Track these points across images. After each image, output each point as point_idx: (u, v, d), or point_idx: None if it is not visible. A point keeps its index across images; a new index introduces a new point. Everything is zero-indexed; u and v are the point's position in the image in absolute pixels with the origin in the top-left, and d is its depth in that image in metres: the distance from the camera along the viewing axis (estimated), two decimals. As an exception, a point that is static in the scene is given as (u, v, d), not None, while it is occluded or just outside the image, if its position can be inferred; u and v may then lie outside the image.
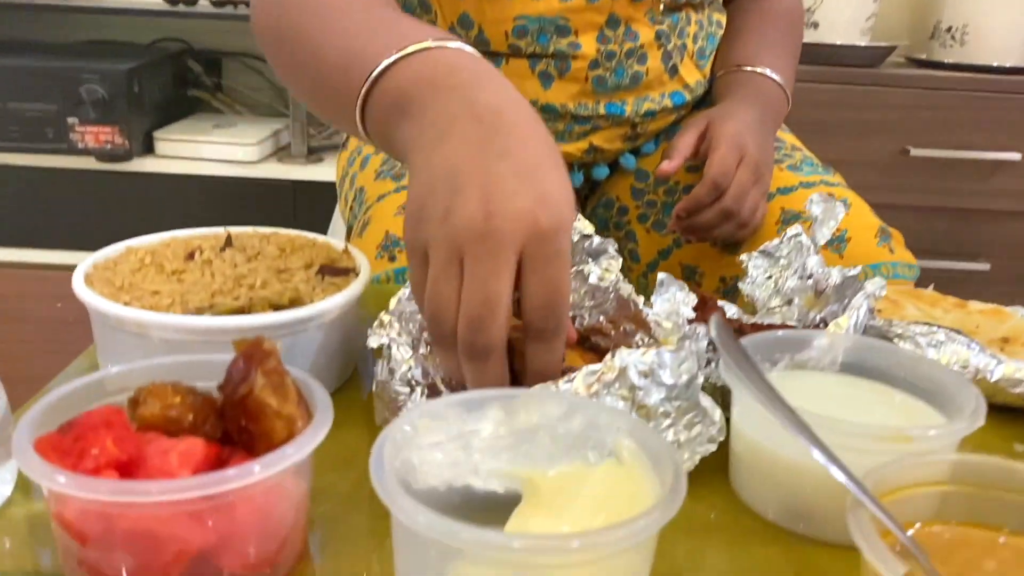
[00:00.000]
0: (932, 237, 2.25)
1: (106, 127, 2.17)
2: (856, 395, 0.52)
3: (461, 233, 0.46)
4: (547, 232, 0.46)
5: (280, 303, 0.53)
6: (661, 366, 0.48)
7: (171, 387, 0.43)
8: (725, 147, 0.82)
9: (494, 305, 0.46)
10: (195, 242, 0.64)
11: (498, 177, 0.47)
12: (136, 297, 0.55)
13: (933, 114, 2.13)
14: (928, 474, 0.41)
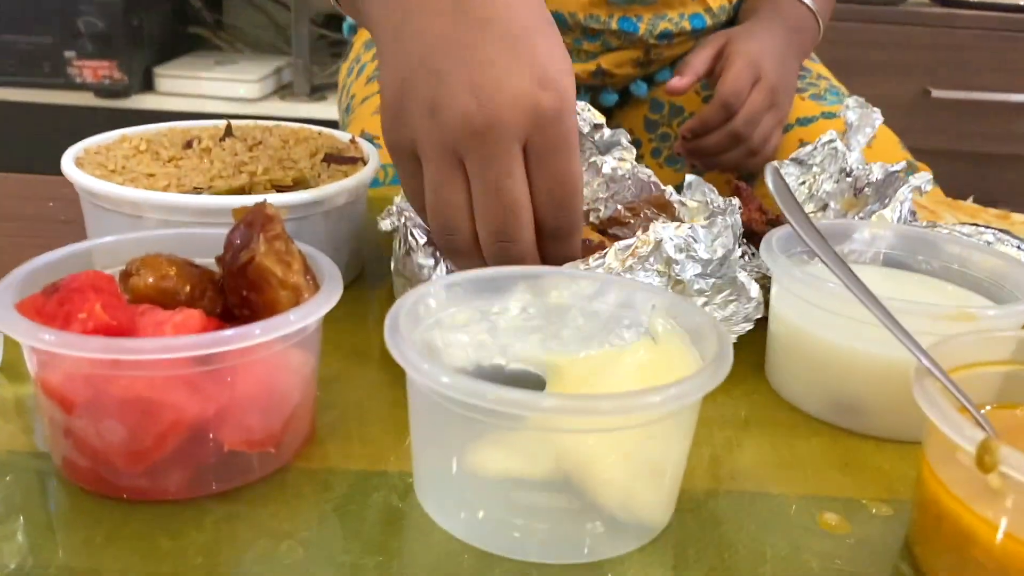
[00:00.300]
0: (951, 182, 2.20)
1: (104, 61, 2.12)
2: (907, 289, 0.49)
3: (455, 130, 0.41)
4: (550, 116, 0.41)
5: (283, 183, 0.49)
6: (696, 240, 0.45)
7: (166, 258, 0.40)
8: (740, 66, 0.77)
9: (517, 210, 0.42)
10: (193, 132, 0.60)
11: (483, 53, 0.41)
12: (130, 179, 0.51)
13: (956, 54, 2.07)
14: (992, 352, 0.37)
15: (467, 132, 0.41)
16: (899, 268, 0.51)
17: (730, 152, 0.79)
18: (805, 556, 0.34)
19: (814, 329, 0.44)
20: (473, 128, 0.41)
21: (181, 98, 2.19)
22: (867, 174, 0.61)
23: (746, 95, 0.77)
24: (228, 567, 0.33)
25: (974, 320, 0.39)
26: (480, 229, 0.43)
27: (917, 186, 0.56)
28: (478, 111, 0.40)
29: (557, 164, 0.42)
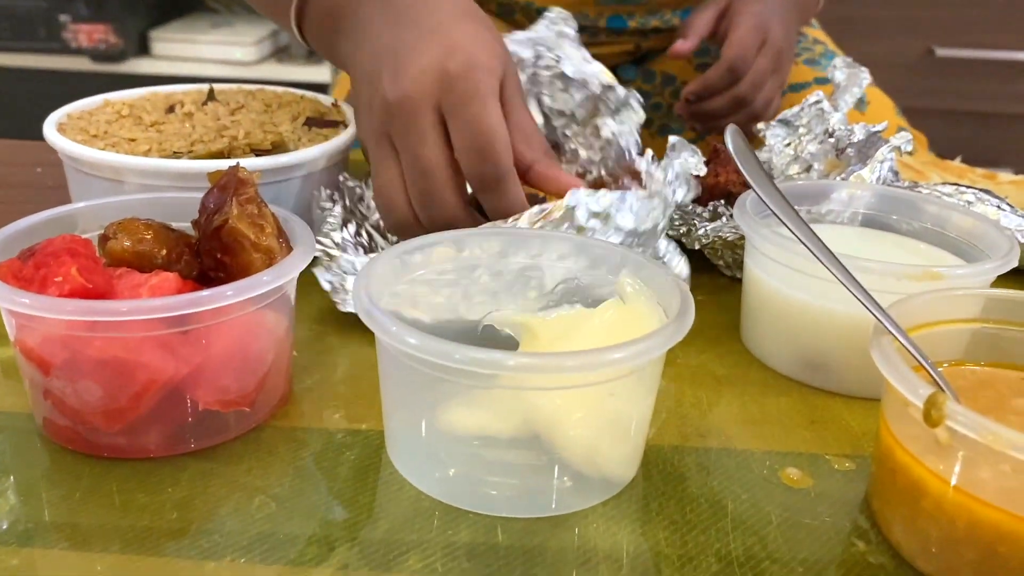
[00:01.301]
0: (954, 143, 2.18)
1: (99, 24, 2.10)
2: (880, 249, 0.49)
3: (379, 115, 0.45)
4: (455, 75, 0.44)
5: (262, 147, 0.50)
6: (619, 209, 0.44)
7: (143, 222, 0.40)
8: (746, 28, 0.75)
9: (432, 173, 0.45)
10: (176, 96, 0.60)
11: (405, 45, 0.45)
12: (111, 144, 0.51)
13: (961, 11, 2.04)
14: (956, 310, 0.38)
15: (386, 112, 0.45)
16: (876, 228, 0.51)
17: (732, 116, 0.78)
18: (766, 509, 0.35)
19: (783, 288, 0.44)
20: (388, 106, 0.45)
21: (177, 62, 2.18)
22: (849, 135, 0.61)
23: (752, 59, 0.75)
24: (202, 521, 0.34)
25: (941, 279, 0.40)
26: (412, 199, 0.46)
27: (897, 146, 0.56)
28: (391, 90, 0.45)
29: (467, 115, 0.44)
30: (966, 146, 2.12)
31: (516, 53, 0.57)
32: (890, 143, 0.56)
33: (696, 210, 0.56)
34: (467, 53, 0.44)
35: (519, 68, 0.56)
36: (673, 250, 0.50)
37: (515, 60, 0.55)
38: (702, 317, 0.51)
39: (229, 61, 2.27)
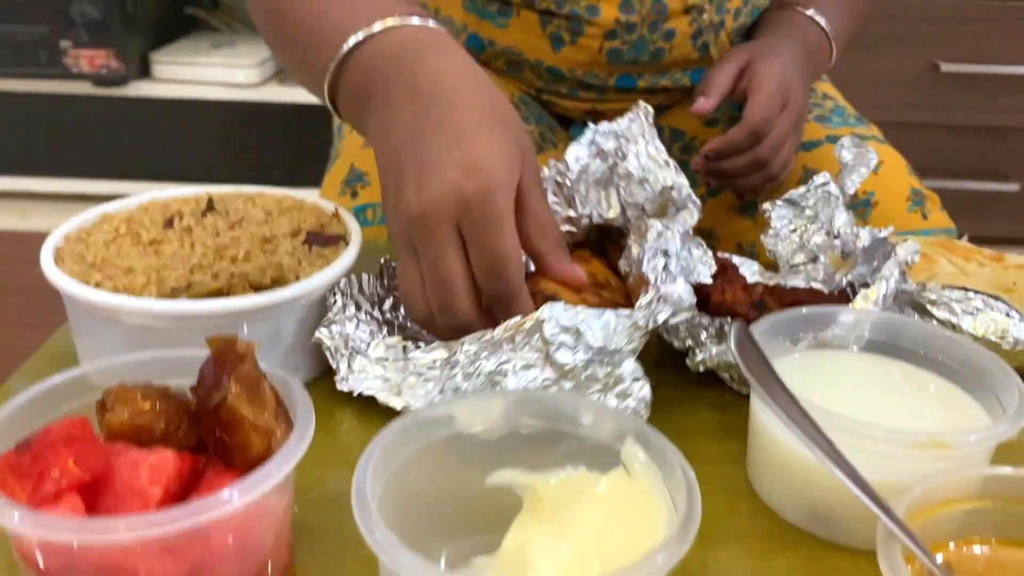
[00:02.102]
0: (960, 157, 2.17)
1: (100, 50, 2.10)
2: (887, 379, 0.48)
3: (405, 220, 0.48)
4: (473, 198, 0.46)
5: (262, 283, 0.49)
6: (591, 327, 0.46)
7: (140, 391, 0.40)
8: (769, 90, 0.74)
9: (449, 286, 0.48)
10: (174, 206, 0.60)
11: (430, 154, 0.48)
12: (109, 276, 0.51)
13: (965, 26, 2.02)
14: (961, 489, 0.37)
15: (410, 220, 0.48)
16: (883, 354, 0.50)
17: (750, 176, 0.78)
18: None
19: (789, 442, 0.44)
20: (412, 218, 0.48)
21: (179, 84, 2.17)
22: (854, 240, 0.60)
23: (775, 122, 0.75)
24: None
25: (948, 448, 0.39)
26: (431, 305, 0.49)
27: (903, 260, 0.55)
28: (415, 203, 0.48)
29: (484, 239, 0.47)
30: (968, 160, 2.12)
31: (599, 144, 0.60)
32: (897, 257, 0.55)
33: (701, 322, 0.56)
34: (486, 173, 0.47)
35: (602, 159, 0.59)
36: (640, 375, 0.49)
37: (596, 151, 0.60)
38: (708, 443, 0.51)
39: (231, 83, 2.26)
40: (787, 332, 0.50)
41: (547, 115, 0.91)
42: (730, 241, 0.86)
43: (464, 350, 0.48)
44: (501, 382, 0.47)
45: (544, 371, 0.46)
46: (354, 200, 0.76)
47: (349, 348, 0.52)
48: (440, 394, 0.48)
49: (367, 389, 0.50)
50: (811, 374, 0.48)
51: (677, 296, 0.50)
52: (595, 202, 0.60)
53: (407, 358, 0.51)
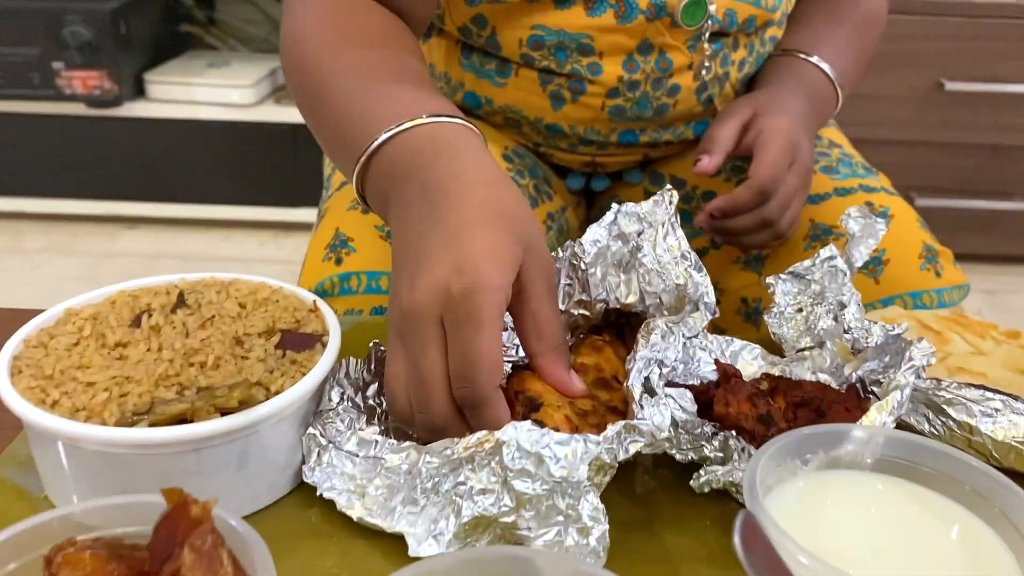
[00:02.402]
0: (964, 175, 2.15)
1: (93, 71, 2.07)
2: (905, 513, 0.45)
3: (396, 314, 0.49)
4: (456, 297, 0.46)
5: (228, 406, 0.46)
6: (552, 455, 0.43)
7: (88, 554, 0.37)
8: (777, 148, 0.71)
9: (427, 383, 0.47)
10: (144, 299, 0.56)
11: (426, 250, 0.48)
12: (68, 392, 0.48)
13: (969, 44, 2.00)
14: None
15: (400, 316, 0.48)
16: (898, 475, 0.47)
17: (756, 234, 0.74)
18: None
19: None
20: (403, 312, 0.48)
21: (174, 105, 2.15)
22: (865, 337, 0.57)
23: (783, 180, 0.72)
24: None
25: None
26: (412, 400, 0.49)
27: (918, 366, 0.52)
28: (406, 297, 0.48)
29: (459, 339, 0.46)
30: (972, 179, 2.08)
31: (620, 226, 0.57)
32: (913, 362, 0.52)
33: (704, 431, 0.52)
34: (473, 272, 0.46)
35: (623, 242, 0.57)
36: (600, 516, 0.45)
37: (617, 233, 0.57)
38: (709, 571, 0.47)
39: (227, 103, 2.24)
40: (796, 452, 0.46)
41: (542, 166, 0.88)
42: (734, 296, 0.82)
43: (426, 462, 0.46)
44: (459, 503, 0.44)
45: (503, 498, 0.43)
46: (339, 267, 0.73)
47: (326, 439, 0.50)
48: (401, 506, 0.46)
49: (329, 490, 0.48)
50: (821, 505, 0.45)
51: (651, 427, 0.47)
52: (614, 286, 0.58)
53: (378, 456, 0.48)
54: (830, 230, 0.76)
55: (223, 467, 0.47)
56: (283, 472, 0.50)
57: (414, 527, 0.45)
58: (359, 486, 0.48)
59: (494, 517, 0.43)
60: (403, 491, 0.46)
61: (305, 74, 0.65)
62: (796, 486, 0.46)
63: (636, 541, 0.49)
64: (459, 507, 0.44)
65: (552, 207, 0.86)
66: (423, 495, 0.46)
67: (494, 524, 0.44)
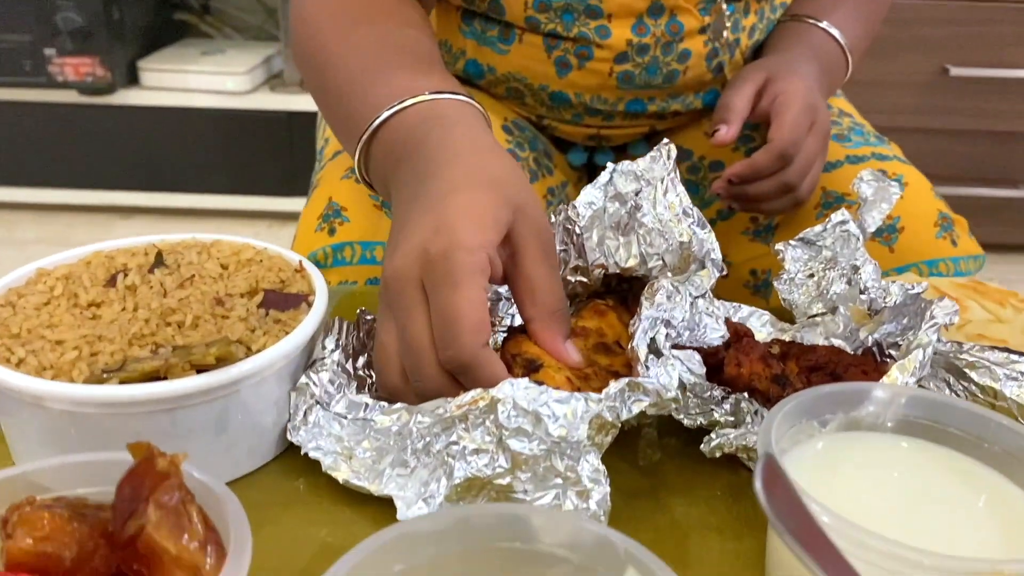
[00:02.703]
0: (969, 163, 2.12)
1: (86, 58, 2.04)
2: (930, 476, 0.42)
3: (382, 284, 0.48)
4: (435, 257, 0.45)
5: (204, 362, 0.43)
6: (550, 413, 0.40)
7: (47, 512, 0.34)
8: (796, 111, 0.69)
9: (415, 351, 0.45)
10: (120, 259, 0.53)
11: (410, 219, 0.48)
12: (35, 350, 0.45)
13: (974, 30, 1.97)
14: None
15: (384, 285, 0.47)
16: (922, 437, 0.44)
17: (776, 200, 0.72)
18: None
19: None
20: (386, 280, 0.47)
21: (168, 92, 2.12)
22: (882, 296, 0.53)
23: (803, 143, 0.69)
24: None
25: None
26: (404, 368, 0.47)
27: (941, 322, 0.49)
28: (388, 264, 0.47)
29: (438, 300, 0.45)
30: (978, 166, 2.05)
31: (616, 186, 0.55)
32: (935, 319, 0.49)
33: (714, 395, 0.49)
34: (450, 232, 0.45)
35: (620, 203, 0.54)
36: (600, 476, 0.42)
37: (614, 194, 0.54)
38: (720, 539, 0.44)
39: (221, 91, 2.21)
40: (814, 412, 0.43)
41: (543, 139, 0.85)
42: (742, 268, 0.79)
43: (417, 421, 0.44)
44: (451, 464, 0.41)
45: (498, 459, 0.41)
46: (332, 237, 0.70)
47: (312, 397, 0.47)
48: (390, 468, 0.44)
49: (314, 450, 0.46)
50: (841, 468, 0.42)
51: (657, 385, 0.44)
52: (612, 250, 0.55)
53: (367, 418, 0.46)
54: (842, 198, 0.73)
55: (200, 430, 0.44)
56: (266, 437, 0.47)
57: (403, 490, 0.43)
58: (346, 448, 0.45)
59: (488, 479, 0.41)
60: (392, 453, 0.44)
61: (311, 56, 0.64)
62: (814, 448, 0.43)
63: (643, 510, 0.46)
64: (451, 468, 0.41)
65: (552, 182, 0.83)
66: (413, 456, 0.43)
67: (488, 486, 0.41)
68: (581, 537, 0.34)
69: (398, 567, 0.33)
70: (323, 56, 0.63)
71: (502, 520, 0.34)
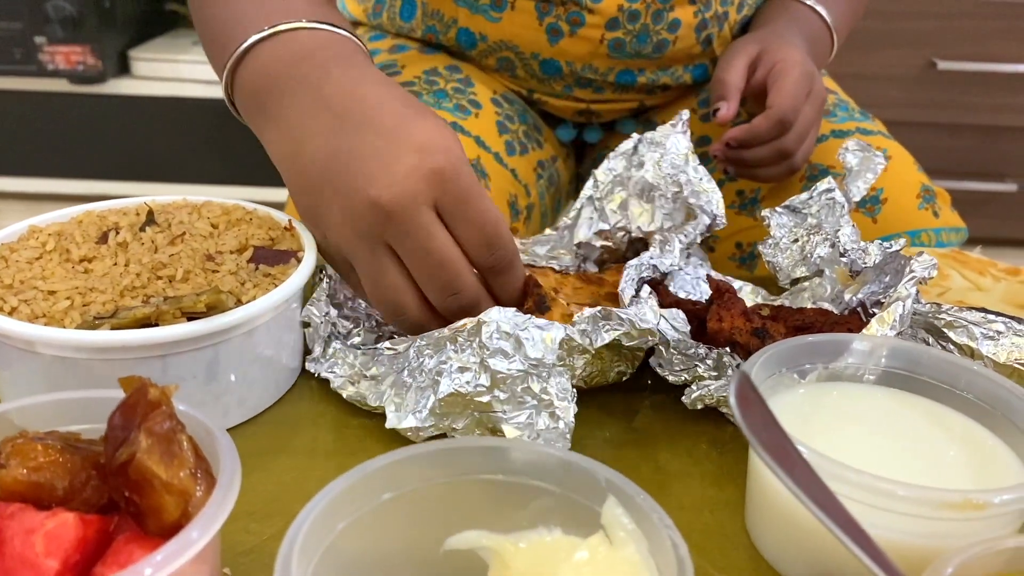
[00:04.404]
0: (957, 157, 2.13)
1: (77, 47, 2.03)
2: (905, 419, 0.43)
3: (368, 223, 0.45)
4: (448, 174, 0.45)
5: (195, 310, 0.43)
6: (529, 337, 0.44)
7: (40, 444, 0.34)
8: (795, 76, 0.69)
9: (452, 262, 0.45)
10: (111, 218, 0.54)
11: (367, 150, 0.46)
12: (27, 300, 0.45)
13: (962, 23, 1.98)
14: (995, 564, 0.32)
15: (380, 219, 0.45)
16: (900, 387, 0.45)
17: (772, 167, 0.73)
18: None
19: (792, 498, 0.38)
20: (383, 213, 0.44)
21: (159, 82, 2.11)
22: (862, 257, 0.54)
23: (801, 109, 0.70)
24: None
25: (983, 509, 0.34)
26: (429, 294, 0.47)
27: (920, 277, 0.50)
28: (381, 197, 0.44)
29: (470, 211, 0.45)
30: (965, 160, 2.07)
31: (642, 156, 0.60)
32: (913, 273, 0.50)
33: (698, 352, 0.50)
34: (447, 148, 0.45)
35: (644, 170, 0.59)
36: (567, 396, 0.45)
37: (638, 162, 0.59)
38: (702, 487, 0.45)
39: (213, 81, 2.20)
40: (793, 362, 0.44)
41: (532, 113, 0.86)
42: (728, 242, 0.80)
43: (417, 345, 0.47)
44: (439, 380, 0.45)
45: (479, 377, 0.44)
46: None
47: (329, 332, 0.51)
48: (390, 389, 0.47)
49: (328, 373, 0.49)
50: (818, 416, 0.43)
51: (630, 315, 0.46)
52: (636, 215, 0.58)
53: (376, 347, 0.49)
54: (827, 170, 0.74)
55: (190, 378, 0.44)
56: (255, 388, 0.48)
57: (399, 405, 0.46)
58: (357, 374, 0.49)
59: (470, 396, 0.44)
60: (393, 375, 0.47)
61: None
62: (795, 394, 0.44)
63: (627, 459, 0.47)
64: (438, 384, 0.44)
65: (542, 155, 0.84)
66: (410, 375, 0.46)
67: (470, 404, 0.44)
68: (562, 469, 0.35)
69: (386, 495, 0.34)
70: None
71: (486, 452, 0.35)
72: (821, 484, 0.32)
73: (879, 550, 0.30)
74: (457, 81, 0.79)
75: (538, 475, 0.35)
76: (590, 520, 0.34)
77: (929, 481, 0.35)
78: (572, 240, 0.61)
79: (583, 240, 0.60)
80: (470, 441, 0.37)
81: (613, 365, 0.50)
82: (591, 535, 0.34)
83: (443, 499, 0.35)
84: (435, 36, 0.81)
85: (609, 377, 0.50)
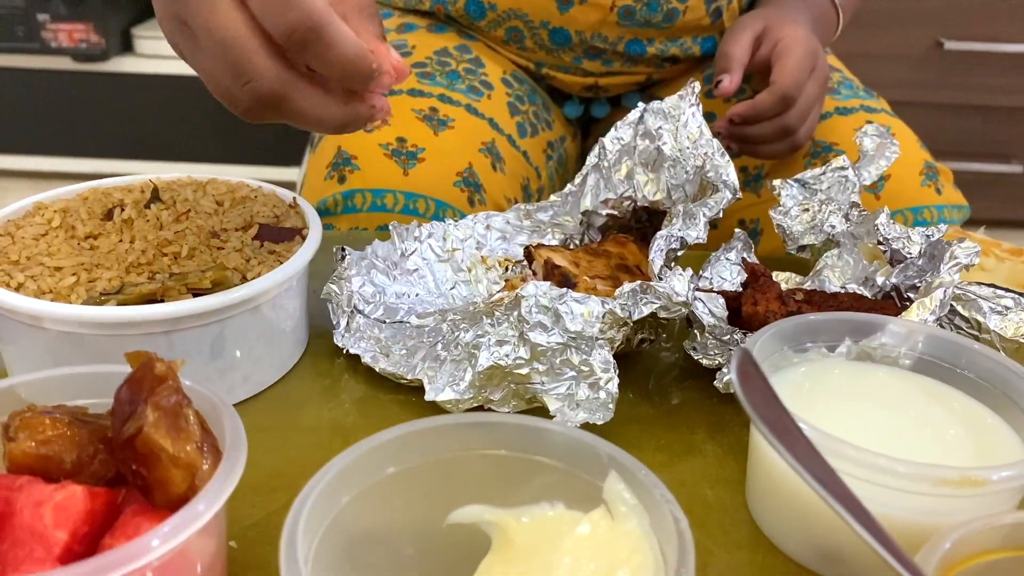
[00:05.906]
0: (962, 137, 2.12)
1: (80, 24, 2.03)
2: (903, 395, 0.43)
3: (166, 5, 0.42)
4: None
5: (200, 286, 0.44)
6: (568, 310, 0.45)
7: (48, 418, 0.34)
8: (799, 53, 0.69)
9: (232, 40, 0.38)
10: (116, 195, 0.54)
11: None
12: (34, 276, 0.45)
13: (969, 4, 1.96)
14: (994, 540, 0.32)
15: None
16: (933, 375, 0.44)
17: (775, 144, 0.72)
18: None
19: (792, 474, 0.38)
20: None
21: (162, 60, 2.11)
22: (906, 246, 0.54)
23: (804, 87, 0.70)
24: None
25: (981, 486, 0.34)
26: (221, 84, 0.40)
27: (964, 264, 0.49)
28: None
29: None
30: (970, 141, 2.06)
31: (647, 124, 0.58)
32: (957, 261, 0.50)
33: (734, 337, 0.50)
34: None
35: (649, 140, 0.58)
36: (611, 367, 0.45)
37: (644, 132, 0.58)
38: (704, 465, 0.46)
39: (215, 59, 2.17)
40: (826, 335, 0.44)
41: (541, 92, 0.86)
42: (731, 218, 0.81)
43: (450, 319, 0.49)
44: (477, 354, 0.45)
45: (518, 350, 0.45)
46: (342, 185, 0.70)
47: (351, 306, 0.52)
48: (422, 362, 0.48)
49: (356, 348, 0.50)
50: (819, 393, 0.43)
51: (667, 290, 0.46)
52: (641, 184, 0.58)
53: (403, 321, 0.51)
54: (830, 147, 0.74)
55: (196, 354, 0.45)
56: (261, 364, 0.48)
57: (433, 379, 0.46)
58: (384, 347, 0.50)
59: (508, 368, 0.45)
60: (424, 348, 0.48)
61: None
62: (795, 374, 0.44)
63: (629, 436, 0.47)
64: (476, 358, 0.45)
65: (551, 136, 0.84)
66: (444, 350, 0.47)
67: (509, 376, 0.45)
68: (565, 445, 0.35)
69: (390, 469, 0.35)
70: None
71: (489, 427, 0.36)
72: (821, 460, 0.32)
73: (879, 526, 0.31)
74: (468, 62, 0.78)
75: (541, 450, 0.36)
76: (592, 495, 0.34)
77: (929, 458, 0.35)
78: (577, 207, 0.61)
79: (589, 208, 0.60)
80: (473, 417, 0.37)
81: (638, 334, 0.51)
82: (593, 510, 0.34)
83: (446, 474, 0.35)
84: (444, 7, 0.81)
85: (634, 344, 0.51)
